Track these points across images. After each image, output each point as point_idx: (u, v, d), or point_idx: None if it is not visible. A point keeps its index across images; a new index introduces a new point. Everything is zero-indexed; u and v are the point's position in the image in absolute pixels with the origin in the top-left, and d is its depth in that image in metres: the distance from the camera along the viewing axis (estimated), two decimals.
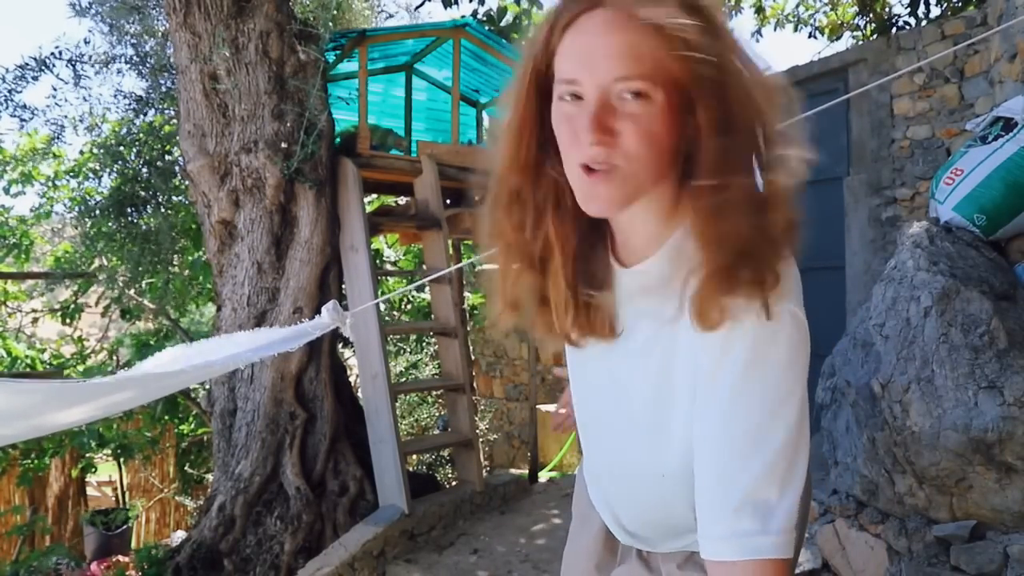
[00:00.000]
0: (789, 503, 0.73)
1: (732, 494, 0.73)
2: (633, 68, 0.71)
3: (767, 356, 0.74)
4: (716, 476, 0.76)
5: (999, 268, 2.43)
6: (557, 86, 0.77)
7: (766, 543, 0.72)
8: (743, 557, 0.72)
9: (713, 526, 0.75)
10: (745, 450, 0.74)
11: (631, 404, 0.89)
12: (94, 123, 5.21)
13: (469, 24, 4.59)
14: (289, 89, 3.80)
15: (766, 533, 0.72)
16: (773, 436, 0.73)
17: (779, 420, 0.74)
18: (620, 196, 0.76)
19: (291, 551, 3.59)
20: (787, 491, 0.73)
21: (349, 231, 3.98)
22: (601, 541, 1.08)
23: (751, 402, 0.74)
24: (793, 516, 0.73)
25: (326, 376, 4.00)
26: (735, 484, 0.74)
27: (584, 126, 0.73)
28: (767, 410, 0.74)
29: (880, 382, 2.31)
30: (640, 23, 0.72)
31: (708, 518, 0.76)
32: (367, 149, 4.16)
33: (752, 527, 0.72)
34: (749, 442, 0.74)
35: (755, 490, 0.73)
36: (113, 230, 4.99)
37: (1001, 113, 2.68)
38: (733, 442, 0.74)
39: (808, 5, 7.15)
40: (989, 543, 2.08)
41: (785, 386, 0.74)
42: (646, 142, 0.73)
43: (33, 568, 4.46)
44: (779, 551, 0.72)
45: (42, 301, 5.91)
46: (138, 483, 6.53)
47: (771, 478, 0.73)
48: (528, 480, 4.82)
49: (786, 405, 0.74)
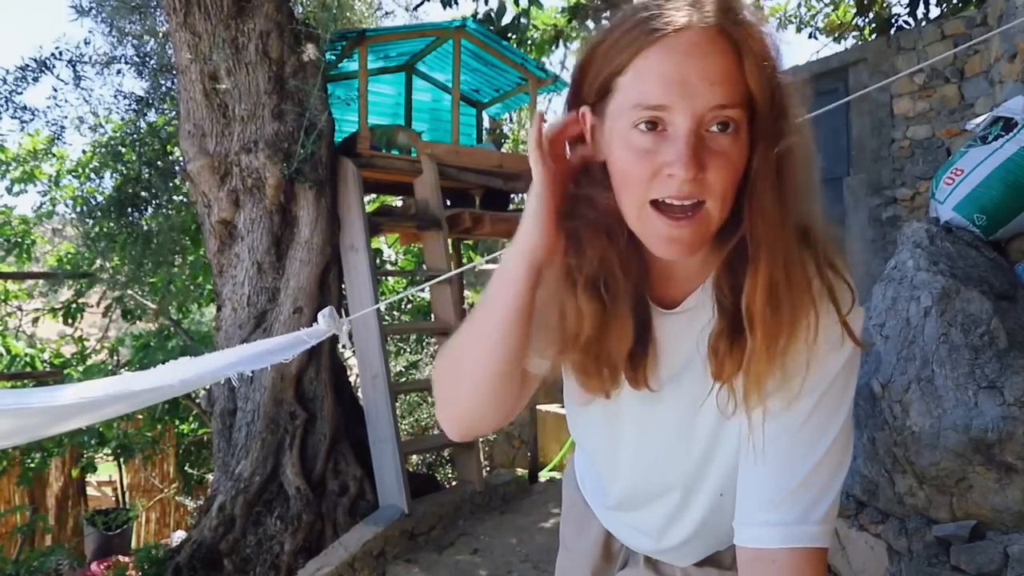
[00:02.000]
0: (833, 495, 0.74)
1: (782, 486, 0.74)
2: (731, 96, 0.66)
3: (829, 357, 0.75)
4: (768, 468, 0.75)
5: (999, 268, 2.43)
6: (627, 112, 0.68)
7: (808, 532, 0.72)
8: (784, 545, 0.72)
9: (756, 514, 0.75)
10: (807, 443, 0.75)
11: (686, 444, 0.86)
12: (97, 123, 5.21)
13: (469, 24, 4.59)
14: (289, 89, 3.80)
15: (807, 523, 0.72)
16: (831, 429, 0.75)
17: (838, 416, 0.76)
18: (703, 238, 0.70)
19: (291, 551, 3.59)
20: (833, 484, 0.74)
21: (349, 231, 3.98)
22: (600, 548, 1.08)
23: (815, 400, 0.75)
24: (835, 508, 0.74)
25: (326, 376, 4.00)
26: (788, 476, 0.74)
27: (676, 160, 0.65)
28: (829, 408, 0.75)
29: (880, 382, 2.31)
30: (729, 45, 0.66)
31: (751, 507, 0.76)
32: (367, 149, 4.16)
33: (795, 517, 0.72)
34: (810, 436, 0.75)
35: (805, 482, 0.73)
36: (114, 230, 4.99)
37: (1001, 113, 2.68)
38: (793, 436, 0.75)
39: (810, 6, 7.15)
40: (989, 543, 2.08)
41: (842, 382, 0.76)
42: (732, 179, 0.68)
43: (33, 568, 4.47)
44: (818, 540, 0.73)
45: (43, 301, 5.91)
46: (138, 483, 6.53)
47: (822, 471, 0.74)
48: (528, 480, 4.82)
49: (844, 402, 0.76)
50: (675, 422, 0.85)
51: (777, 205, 0.69)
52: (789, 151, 0.69)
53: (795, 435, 0.75)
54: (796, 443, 0.75)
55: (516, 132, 11.03)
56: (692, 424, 0.83)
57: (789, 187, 0.70)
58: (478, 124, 5.74)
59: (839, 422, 0.75)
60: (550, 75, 4.99)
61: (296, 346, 1.88)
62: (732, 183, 0.68)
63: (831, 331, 0.73)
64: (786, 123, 0.69)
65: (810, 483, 0.73)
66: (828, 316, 0.73)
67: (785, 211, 0.69)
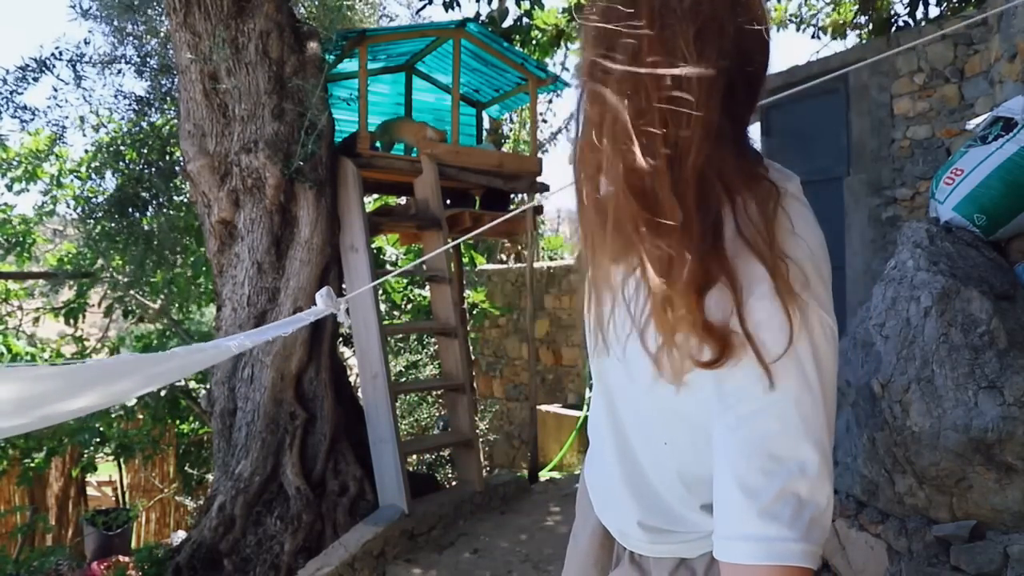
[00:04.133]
0: (815, 508, 0.68)
1: (758, 497, 0.69)
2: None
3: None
4: (739, 478, 0.71)
5: (999, 268, 2.43)
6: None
7: (789, 549, 0.67)
8: (763, 562, 0.68)
9: (731, 527, 0.71)
10: (777, 453, 0.70)
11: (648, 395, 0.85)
12: (99, 123, 5.22)
13: (469, 24, 4.59)
14: (289, 89, 3.80)
15: (788, 540, 0.67)
16: (809, 438, 0.69)
17: (816, 419, 0.70)
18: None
19: (291, 551, 3.59)
20: (815, 495, 0.69)
21: (349, 231, 3.98)
22: (599, 539, 1.08)
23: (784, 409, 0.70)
24: (819, 523, 0.68)
25: (326, 376, 4.00)
26: (762, 487, 0.69)
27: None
28: (802, 413, 0.70)
29: (880, 382, 2.31)
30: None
31: (726, 519, 0.72)
32: (367, 149, 4.16)
33: (776, 532, 0.67)
34: (785, 444, 0.69)
35: (781, 494, 0.68)
36: (115, 230, 4.99)
37: (1001, 113, 2.68)
38: (765, 443, 0.70)
39: (811, 6, 7.16)
40: (989, 543, 2.08)
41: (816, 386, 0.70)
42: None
43: (34, 568, 4.47)
44: (801, 559, 0.67)
45: (43, 300, 5.91)
46: (138, 483, 6.54)
47: (801, 483, 0.68)
48: (528, 480, 4.82)
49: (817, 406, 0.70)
50: (636, 377, 0.84)
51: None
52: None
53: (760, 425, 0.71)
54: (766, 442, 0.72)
55: (516, 132, 11.04)
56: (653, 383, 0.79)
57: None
58: (478, 124, 5.74)
59: (818, 424, 0.70)
60: (550, 75, 4.99)
61: (296, 323, 1.93)
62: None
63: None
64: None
65: (787, 494, 0.68)
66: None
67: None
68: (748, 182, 0.72)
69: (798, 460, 0.69)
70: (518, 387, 7.47)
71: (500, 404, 7.44)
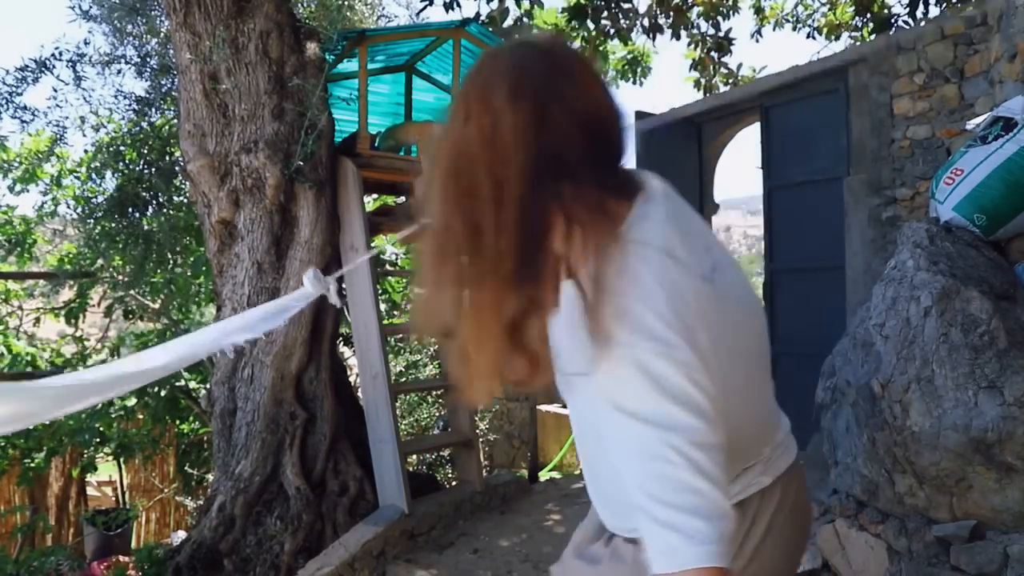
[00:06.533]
0: (706, 508, 0.70)
1: (646, 504, 0.72)
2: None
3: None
4: (630, 484, 0.75)
5: (999, 268, 2.43)
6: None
7: (694, 553, 0.69)
8: (670, 570, 0.70)
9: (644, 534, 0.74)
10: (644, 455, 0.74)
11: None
12: (100, 123, 5.21)
13: (469, 24, 4.59)
14: (289, 89, 3.80)
15: (691, 544, 0.69)
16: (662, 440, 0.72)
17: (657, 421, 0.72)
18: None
19: (291, 551, 3.59)
20: (700, 495, 0.70)
21: (349, 231, 3.98)
22: (597, 522, 1.13)
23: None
24: (715, 519, 0.70)
25: (326, 376, 4.00)
26: (646, 493, 0.72)
27: None
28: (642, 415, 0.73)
29: (880, 382, 2.31)
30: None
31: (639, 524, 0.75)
32: (367, 149, 4.16)
33: (673, 539, 0.70)
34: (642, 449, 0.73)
35: (662, 497, 0.71)
36: (115, 230, 4.99)
37: (1001, 113, 2.68)
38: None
39: (807, 5, 7.16)
40: (989, 543, 2.08)
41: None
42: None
43: (34, 568, 4.47)
44: (706, 560, 0.69)
45: (43, 300, 5.91)
46: (138, 483, 6.54)
47: (679, 486, 0.71)
48: (528, 480, 4.82)
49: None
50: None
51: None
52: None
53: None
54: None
55: None
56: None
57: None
58: None
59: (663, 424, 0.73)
60: None
61: (285, 311, 1.92)
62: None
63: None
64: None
65: (671, 497, 0.72)
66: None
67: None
68: (589, 221, 0.76)
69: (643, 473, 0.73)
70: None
71: (500, 404, 7.44)
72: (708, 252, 0.83)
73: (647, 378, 0.72)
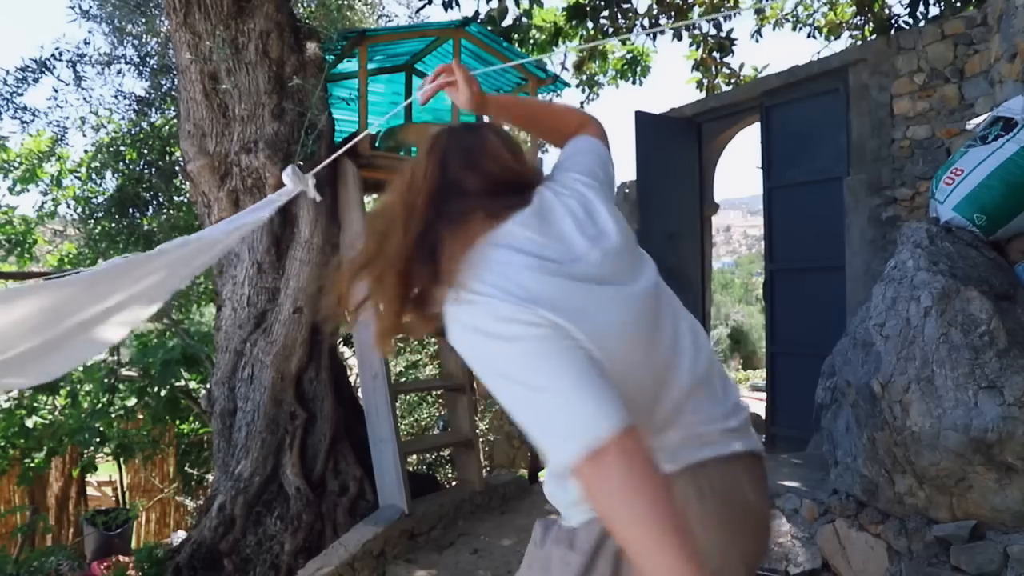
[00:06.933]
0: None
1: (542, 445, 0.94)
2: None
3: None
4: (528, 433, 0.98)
5: (999, 268, 2.43)
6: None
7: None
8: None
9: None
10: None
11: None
12: (99, 123, 5.21)
13: (469, 24, 4.59)
14: (289, 89, 3.80)
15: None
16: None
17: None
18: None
19: (291, 551, 3.59)
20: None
21: (349, 231, 3.98)
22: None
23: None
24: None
25: (326, 376, 4.00)
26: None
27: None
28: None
29: (880, 382, 2.31)
30: None
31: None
32: (367, 149, 4.16)
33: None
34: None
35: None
36: (116, 230, 4.99)
37: (1001, 113, 2.68)
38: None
39: (806, 5, 7.16)
40: (989, 543, 2.08)
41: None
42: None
43: (34, 568, 4.46)
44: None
45: None
46: (138, 483, 6.54)
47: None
48: (528, 480, 4.82)
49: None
50: None
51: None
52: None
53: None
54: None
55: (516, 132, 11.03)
56: None
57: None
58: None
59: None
60: (550, 75, 4.99)
61: (269, 205, 2.02)
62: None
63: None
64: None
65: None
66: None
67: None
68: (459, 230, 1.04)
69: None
70: None
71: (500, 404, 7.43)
72: (569, 247, 1.02)
73: (464, 349, 1.08)
